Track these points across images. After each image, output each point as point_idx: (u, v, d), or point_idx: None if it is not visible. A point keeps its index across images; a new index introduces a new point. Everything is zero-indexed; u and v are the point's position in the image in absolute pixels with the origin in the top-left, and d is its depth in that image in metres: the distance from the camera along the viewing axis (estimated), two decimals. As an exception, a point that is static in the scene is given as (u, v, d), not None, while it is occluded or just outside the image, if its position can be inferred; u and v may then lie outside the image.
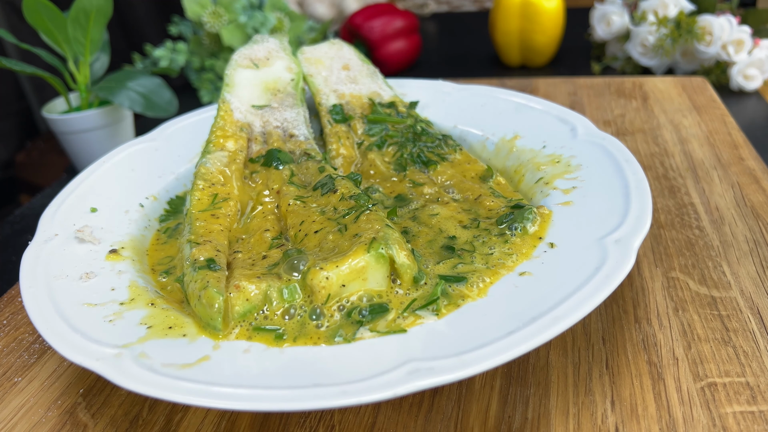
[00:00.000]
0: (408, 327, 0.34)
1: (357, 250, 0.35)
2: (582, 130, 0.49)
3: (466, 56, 1.12)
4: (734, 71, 0.81)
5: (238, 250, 0.41)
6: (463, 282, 0.37)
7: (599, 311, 0.41)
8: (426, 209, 0.45)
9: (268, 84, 0.56)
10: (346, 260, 0.35)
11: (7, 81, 1.09)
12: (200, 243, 0.39)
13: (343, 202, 0.41)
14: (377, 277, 0.35)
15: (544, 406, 0.35)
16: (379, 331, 0.34)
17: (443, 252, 0.40)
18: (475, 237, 0.41)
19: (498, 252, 0.39)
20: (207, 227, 0.41)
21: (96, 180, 0.51)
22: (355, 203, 0.40)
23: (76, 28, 0.71)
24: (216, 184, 0.46)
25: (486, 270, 0.37)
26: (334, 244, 0.38)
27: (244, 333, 0.35)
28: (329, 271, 0.35)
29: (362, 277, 0.35)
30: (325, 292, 0.35)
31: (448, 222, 0.43)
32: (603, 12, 0.94)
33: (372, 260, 0.35)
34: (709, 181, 0.55)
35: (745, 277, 0.43)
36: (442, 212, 0.44)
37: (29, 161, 1.10)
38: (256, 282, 0.35)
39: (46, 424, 0.36)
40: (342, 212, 0.40)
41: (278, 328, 0.35)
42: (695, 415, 0.33)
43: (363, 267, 0.35)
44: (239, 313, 0.35)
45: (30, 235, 0.44)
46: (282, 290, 0.35)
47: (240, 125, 0.52)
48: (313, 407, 0.28)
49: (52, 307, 0.36)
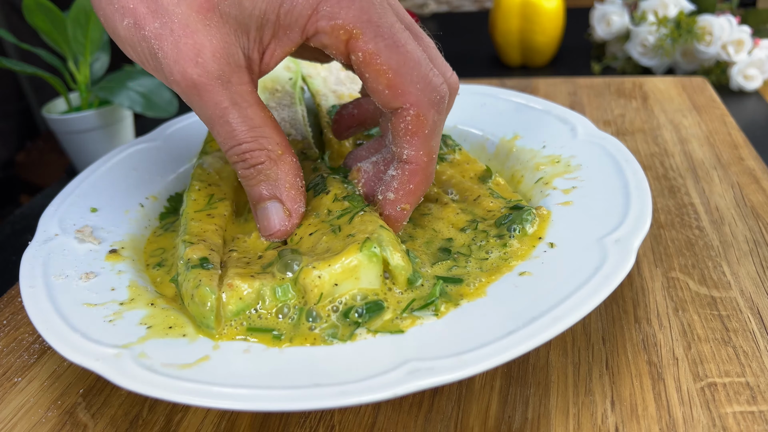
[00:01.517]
0: (407, 327, 0.34)
1: (349, 249, 0.35)
2: (582, 130, 0.49)
3: (466, 56, 1.12)
4: (734, 71, 0.81)
5: (233, 249, 0.41)
6: (460, 283, 0.37)
7: (599, 311, 0.41)
8: (423, 210, 0.45)
9: (266, 83, 0.56)
10: (338, 259, 0.35)
11: (7, 81, 1.10)
12: (194, 243, 0.39)
13: (336, 203, 0.41)
14: (370, 276, 0.35)
15: (544, 406, 0.35)
16: (377, 331, 0.34)
17: (440, 254, 0.40)
18: (473, 240, 0.41)
19: (494, 257, 0.39)
20: (202, 227, 0.41)
21: (96, 180, 0.51)
22: (349, 204, 0.40)
23: (76, 28, 0.71)
24: (212, 185, 0.46)
25: (481, 273, 0.37)
26: (327, 245, 0.38)
27: (236, 332, 0.34)
28: (321, 270, 0.35)
29: (355, 276, 0.35)
30: (318, 291, 0.35)
31: (444, 223, 0.43)
32: (603, 12, 0.94)
33: (364, 259, 0.35)
34: (709, 181, 0.55)
35: (745, 277, 0.43)
36: (439, 213, 0.44)
37: (29, 161, 1.10)
38: (250, 280, 0.35)
39: (46, 424, 0.36)
40: (336, 214, 0.40)
41: (274, 329, 0.34)
42: (695, 415, 0.34)
43: (355, 266, 0.35)
44: (232, 312, 0.35)
45: (30, 235, 0.44)
46: (275, 289, 0.35)
47: None
48: (313, 407, 0.28)
49: (52, 307, 0.36)
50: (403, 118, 0.36)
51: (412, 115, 0.36)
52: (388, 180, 0.39)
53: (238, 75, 0.35)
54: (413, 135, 0.37)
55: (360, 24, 0.34)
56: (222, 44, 0.34)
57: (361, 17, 0.34)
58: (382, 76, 0.35)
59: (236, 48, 0.35)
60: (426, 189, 0.40)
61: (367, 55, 0.34)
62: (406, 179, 0.38)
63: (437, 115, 0.37)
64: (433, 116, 0.37)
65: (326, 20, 0.34)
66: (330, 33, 0.34)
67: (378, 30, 0.34)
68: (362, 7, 0.34)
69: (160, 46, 0.34)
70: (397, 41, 0.35)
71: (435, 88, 0.36)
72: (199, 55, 0.34)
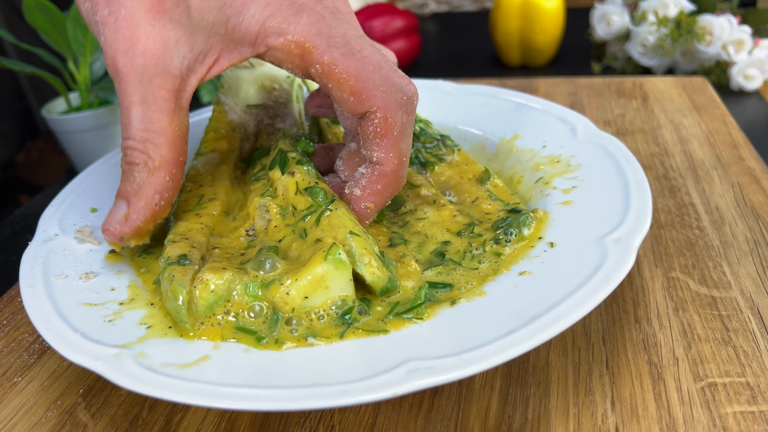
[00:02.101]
0: (402, 328, 0.34)
1: (314, 260, 0.34)
2: (582, 130, 0.49)
3: (466, 56, 1.12)
4: (734, 71, 0.81)
5: (216, 246, 0.40)
6: (449, 288, 0.37)
7: (599, 311, 0.41)
8: (417, 213, 0.44)
9: (264, 82, 0.56)
10: (304, 273, 0.34)
11: (7, 81, 1.10)
12: (177, 241, 0.39)
13: (300, 197, 0.40)
14: (340, 282, 0.35)
15: (544, 406, 0.35)
16: (365, 331, 0.34)
17: (434, 258, 0.40)
18: (470, 244, 0.40)
19: (485, 267, 0.38)
20: (188, 226, 0.41)
21: (96, 180, 0.51)
22: (312, 201, 0.39)
23: (76, 28, 0.71)
24: (204, 186, 0.45)
25: (472, 278, 0.37)
26: (298, 252, 0.37)
27: (214, 331, 0.34)
28: (290, 287, 0.34)
29: (324, 286, 0.34)
30: (289, 306, 0.34)
31: (437, 227, 0.43)
32: (603, 12, 0.94)
33: (331, 267, 0.34)
34: (709, 181, 0.55)
35: (746, 277, 0.43)
36: (435, 216, 0.43)
37: (29, 161, 1.10)
38: (220, 272, 0.35)
39: (45, 425, 0.36)
40: (301, 214, 0.39)
41: (258, 330, 0.34)
42: (695, 415, 0.33)
43: (322, 276, 0.34)
44: (204, 306, 0.34)
45: (30, 235, 0.44)
46: (247, 285, 0.35)
47: (233, 125, 0.52)
48: (313, 407, 0.28)
49: (52, 307, 0.36)
50: (371, 122, 0.36)
51: (380, 117, 0.36)
52: (358, 177, 0.39)
53: (161, 78, 0.36)
54: (382, 137, 0.36)
55: (311, 37, 0.34)
56: (158, 46, 0.35)
57: (310, 30, 0.34)
58: (344, 84, 0.35)
59: (173, 54, 0.35)
60: (395, 191, 0.39)
61: (324, 66, 0.34)
62: (375, 179, 0.38)
63: (406, 116, 0.37)
64: (401, 117, 0.36)
65: (275, 37, 0.34)
66: (282, 49, 0.34)
67: (330, 40, 0.34)
68: (311, 20, 0.34)
69: (103, 31, 0.36)
70: (352, 48, 0.35)
71: (400, 88, 0.36)
72: (132, 47, 0.35)
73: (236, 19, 0.34)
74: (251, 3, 0.34)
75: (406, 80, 0.36)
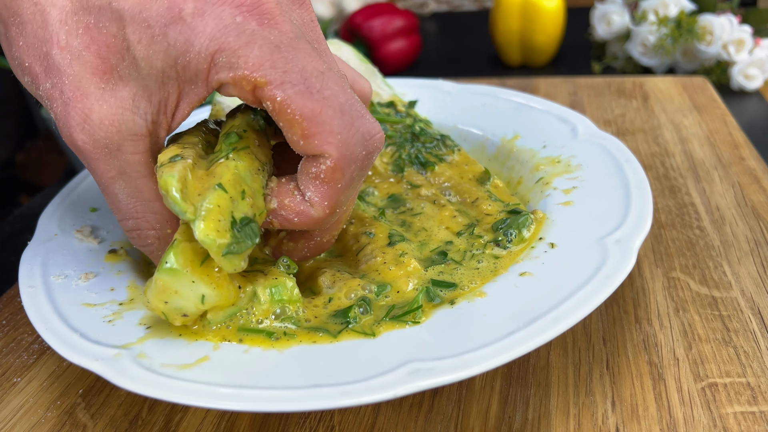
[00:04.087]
0: (397, 329, 0.33)
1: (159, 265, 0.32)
2: (582, 130, 0.49)
3: (466, 56, 1.12)
4: (735, 71, 0.81)
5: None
6: (453, 287, 0.36)
7: (600, 311, 0.41)
8: (417, 212, 0.44)
9: None
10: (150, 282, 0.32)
11: (6, 81, 1.09)
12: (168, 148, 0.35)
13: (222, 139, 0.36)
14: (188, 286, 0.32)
15: (544, 406, 0.35)
16: (358, 332, 0.33)
17: (435, 257, 0.40)
18: (470, 245, 0.40)
19: (484, 266, 0.38)
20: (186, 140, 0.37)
21: (95, 180, 0.51)
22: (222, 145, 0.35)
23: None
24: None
25: (474, 277, 0.37)
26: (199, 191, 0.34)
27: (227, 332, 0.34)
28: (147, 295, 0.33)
29: (173, 291, 0.32)
30: (159, 311, 0.33)
31: (437, 226, 0.43)
32: (603, 12, 0.94)
33: (167, 277, 0.31)
34: (709, 181, 0.55)
35: (746, 277, 0.43)
36: (433, 216, 0.44)
37: (29, 161, 1.10)
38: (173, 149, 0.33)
39: (45, 425, 0.36)
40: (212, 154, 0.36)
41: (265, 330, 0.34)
42: (696, 415, 0.33)
43: (163, 286, 0.32)
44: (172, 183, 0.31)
45: (29, 235, 0.44)
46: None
47: None
48: (313, 408, 0.28)
49: (51, 307, 0.36)
50: (317, 166, 0.32)
51: (328, 166, 0.32)
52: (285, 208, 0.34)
53: (130, 143, 0.32)
54: (323, 184, 0.32)
55: (263, 71, 0.30)
56: (114, 110, 0.32)
57: (263, 64, 0.30)
58: (296, 126, 0.31)
59: (132, 114, 0.32)
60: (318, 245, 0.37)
61: (276, 104, 0.30)
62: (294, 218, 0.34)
63: (358, 171, 0.33)
64: (352, 171, 0.32)
65: (226, 72, 0.30)
66: (234, 85, 0.31)
67: (285, 76, 0.30)
68: (263, 52, 0.30)
69: (52, 107, 0.32)
70: (311, 86, 0.30)
71: (362, 140, 0.32)
72: (86, 121, 0.31)
73: (183, 58, 0.31)
74: (194, 38, 0.30)
75: (373, 128, 0.33)
